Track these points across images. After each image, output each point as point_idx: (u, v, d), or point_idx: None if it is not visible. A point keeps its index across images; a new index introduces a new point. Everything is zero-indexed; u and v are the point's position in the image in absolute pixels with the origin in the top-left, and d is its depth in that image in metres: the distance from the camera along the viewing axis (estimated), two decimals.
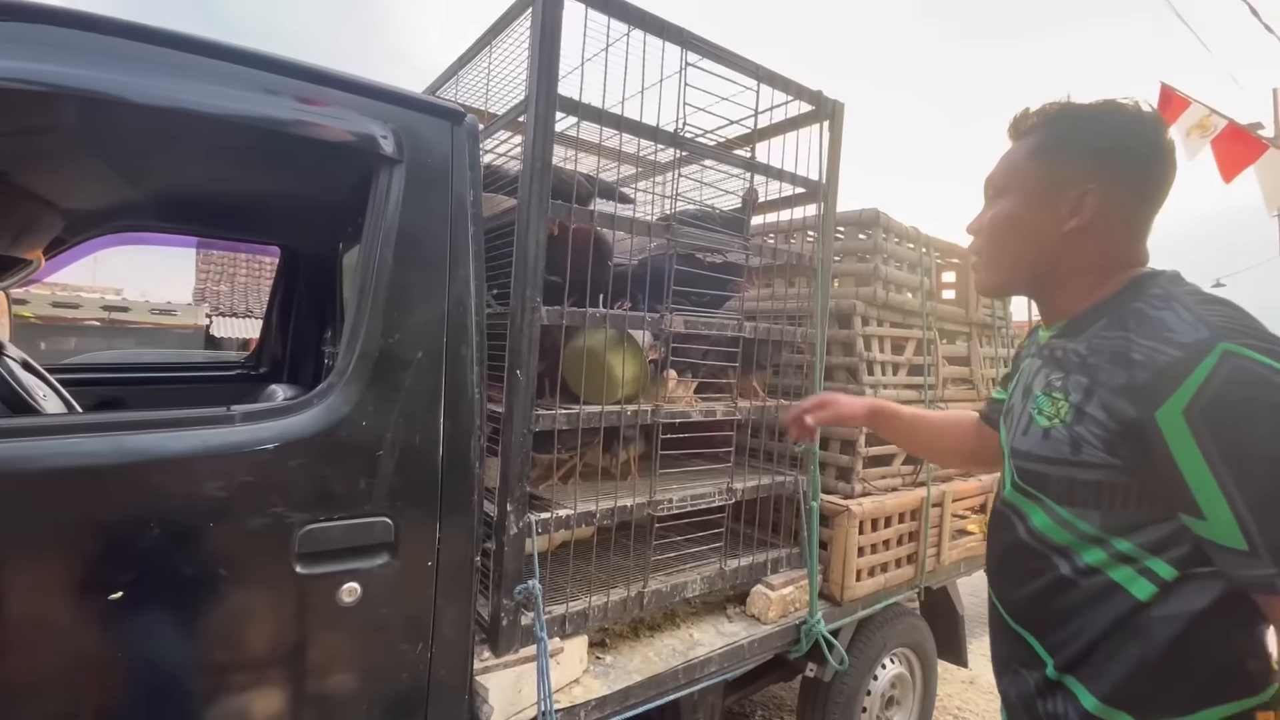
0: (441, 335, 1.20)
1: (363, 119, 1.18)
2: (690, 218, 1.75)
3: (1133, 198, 0.79)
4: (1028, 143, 0.84)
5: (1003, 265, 0.88)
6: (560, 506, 1.45)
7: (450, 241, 1.24)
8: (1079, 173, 0.79)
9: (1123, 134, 0.79)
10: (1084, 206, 0.79)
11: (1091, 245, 0.80)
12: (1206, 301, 0.72)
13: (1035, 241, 0.83)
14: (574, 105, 1.38)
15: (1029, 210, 0.83)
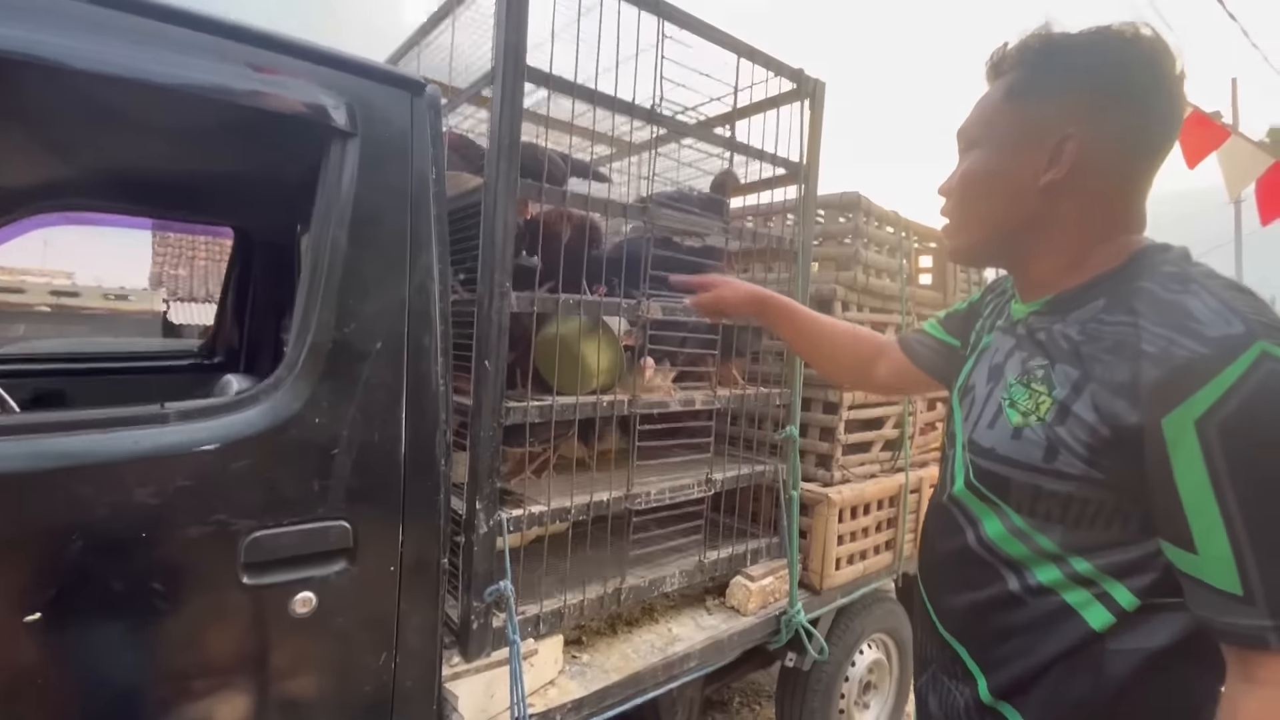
0: (402, 324, 1.12)
1: (311, 88, 1.08)
2: (667, 199, 1.68)
3: (1124, 143, 0.66)
4: (1003, 84, 0.72)
5: (971, 225, 0.76)
6: (533, 502, 1.38)
7: (411, 222, 1.15)
8: (1057, 114, 0.67)
9: (1110, 65, 0.65)
10: (1062, 155, 0.66)
11: (1074, 202, 0.68)
12: (1232, 288, 0.60)
13: (1008, 198, 0.71)
14: (544, 78, 1.29)
15: (1001, 162, 0.71)
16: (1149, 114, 0.66)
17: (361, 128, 1.11)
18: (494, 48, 1.27)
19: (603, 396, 1.44)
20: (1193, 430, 0.55)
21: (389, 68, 1.18)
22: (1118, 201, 0.68)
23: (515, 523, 1.30)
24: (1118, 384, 0.60)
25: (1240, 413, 0.53)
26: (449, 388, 1.18)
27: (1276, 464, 0.53)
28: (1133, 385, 0.58)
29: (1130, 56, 0.65)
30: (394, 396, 1.09)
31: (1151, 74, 0.65)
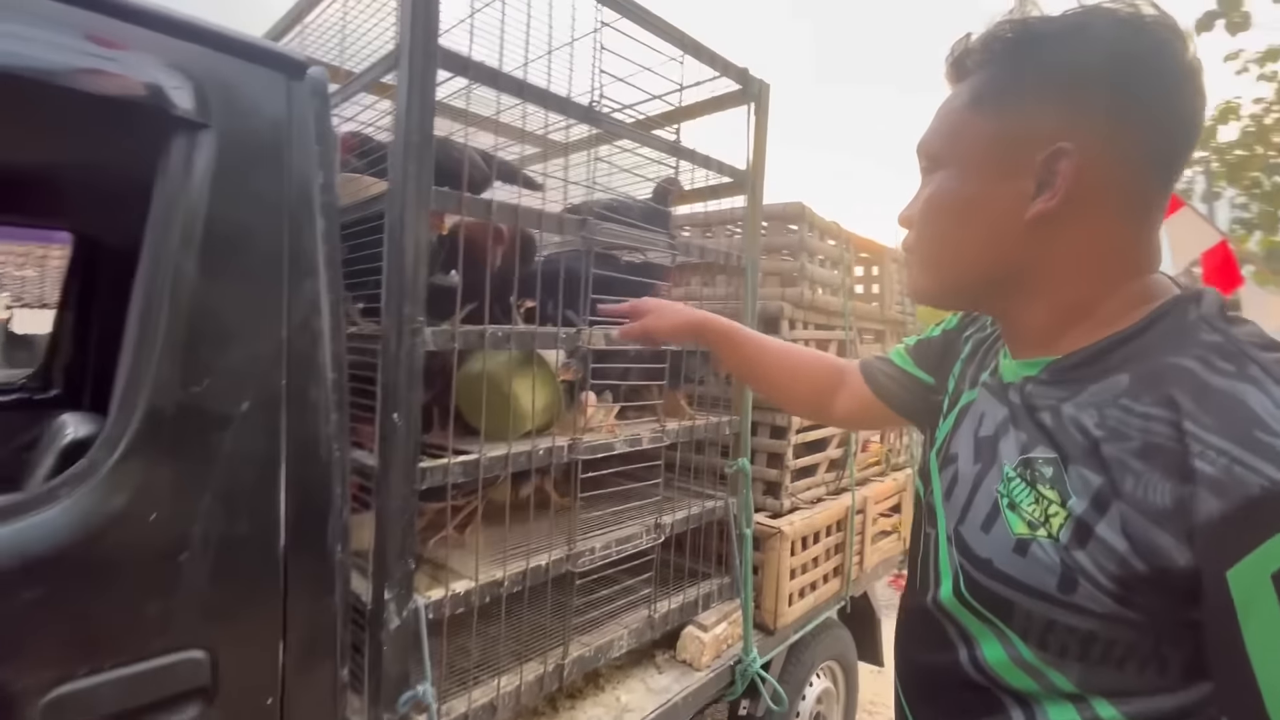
0: (279, 375, 0.86)
1: (140, 61, 0.80)
2: (605, 209, 1.48)
3: (1132, 158, 0.50)
4: (970, 87, 0.57)
5: (942, 266, 0.59)
6: (457, 575, 1.15)
7: (289, 241, 0.89)
8: (1044, 125, 0.51)
9: (1108, 57, 0.50)
10: (1055, 177, 0.51)
11: (1072, 237, 0.52)
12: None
13: (987, 233, 0.55)
14: (461, 63, 1.06)
15: (976, 187, 0.55)
16: (1162, 116, 0.50)
17: (217, 117, 0.84)
18: (399, 24, 1.03)
19: (538, 443, 1.23)
20: (1272, 589, 0.40)
21: (257, 40, 0.91)
22: (1128, 234, 0.53)
23: (436, 608, 1.06)
24: (1157, 510, 0.45)
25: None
26: (345, 452, 0.93)
27: None
28: (1180, 515, 0.43)
29: (1133, 44, 0.50)
30: (268, 473, 0.83)
31: (1162, 64, 0.50)
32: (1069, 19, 0.52)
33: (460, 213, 1.08)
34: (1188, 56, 0.50)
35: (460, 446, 1.20)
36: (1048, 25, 0.53)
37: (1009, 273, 0.56)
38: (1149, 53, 0.50)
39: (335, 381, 0.92)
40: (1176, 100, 0.50)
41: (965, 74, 0.58)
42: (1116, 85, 0.50)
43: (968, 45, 0.58)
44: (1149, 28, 0.50)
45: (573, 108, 1.28)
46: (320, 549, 0.88)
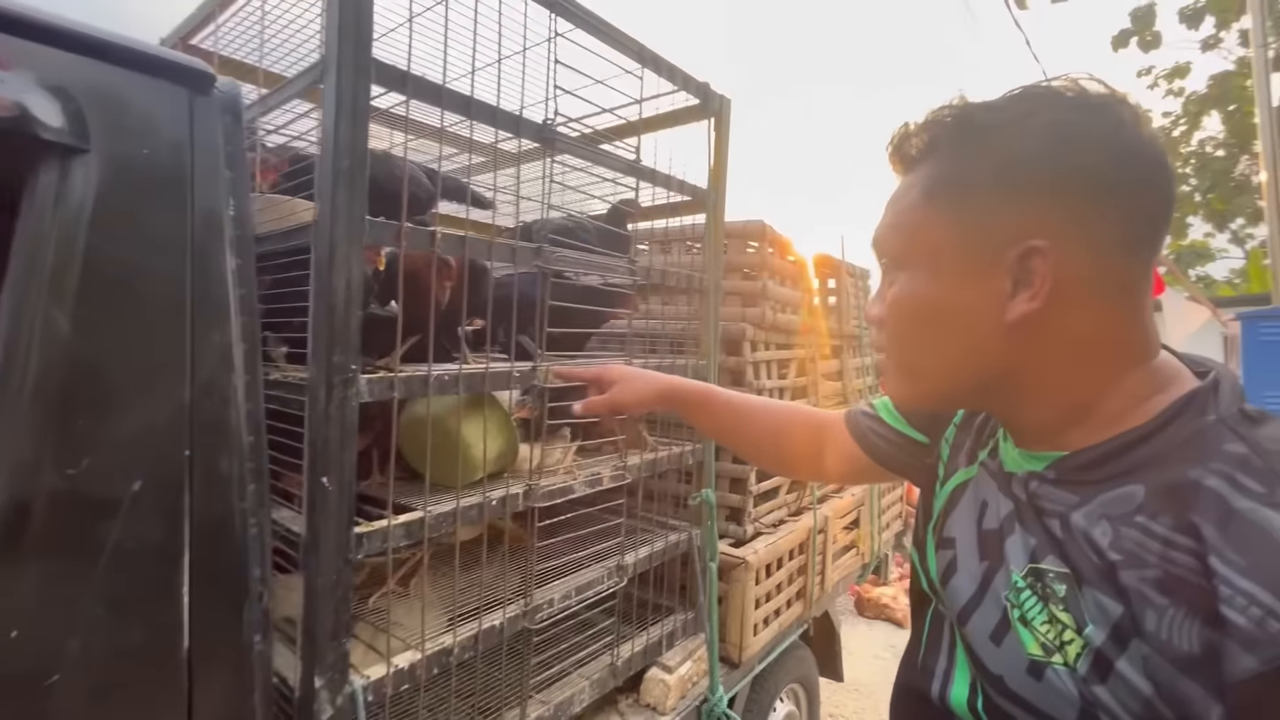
0: (180, 446, 0.73)
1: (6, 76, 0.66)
2: (559, 231, 1.39)
3: (1110, 244, 0.47)
4: (920, 180, 0.53)
5: (924, 376, 0.55)
6: (401, 644, 1.04)
7: (193, 284, 0.76)
8: (1009, 219, 0.48)
9: (1064, 141, 0.47)
10: (1032, 275, 0.47)
11: (1062, 334, 0.49)
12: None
13: (964, 340, 0.51)
14: (398, 78, 0.95)
15: (945, 291, 0.51)
16: (1132, 199, 0.47)
17: (99, 140, 0.71)
18: (324, 31, 0.90)
19: (490, 492, 1.12)
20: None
21: (151, 48, 0.78)
22: (1120, 322, 0.49)
23: (376, 689, 0.95)
24: (1184, 657, 0.40)
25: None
26: (265, 526, 0.80)
27: None
28: (1209, 665, 0.39)
29: (1088, 129, 0.47)
30: (168, 565, 0.70)
31: (1122, 145, 0.47)
32: (1014, 107, 0.50)
33: (400, 244, 0.97)
34: (1146, 133, 0.47)
35: (403, 500, 1.08)
36: (991, 115, 0.50)
37: (997, 375, 0.52)
38: (1107, 136, 0.47)
39: (252, 446, 0.80)
40: (1143, 180, 0.47)
41: (911, 163, 0.55)
42: (1079, 174, 0.47)
43: (907, 132, 0.54)
44: (1100, 109, 0.48)
45: (525, 126, 1.17)
46: (234, 646, 0.75)
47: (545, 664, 1.37)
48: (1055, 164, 0.47)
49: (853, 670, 2.93)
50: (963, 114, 0.51)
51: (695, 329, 1.68)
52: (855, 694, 3.10)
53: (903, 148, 0.55)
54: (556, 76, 1.19)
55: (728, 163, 1.70)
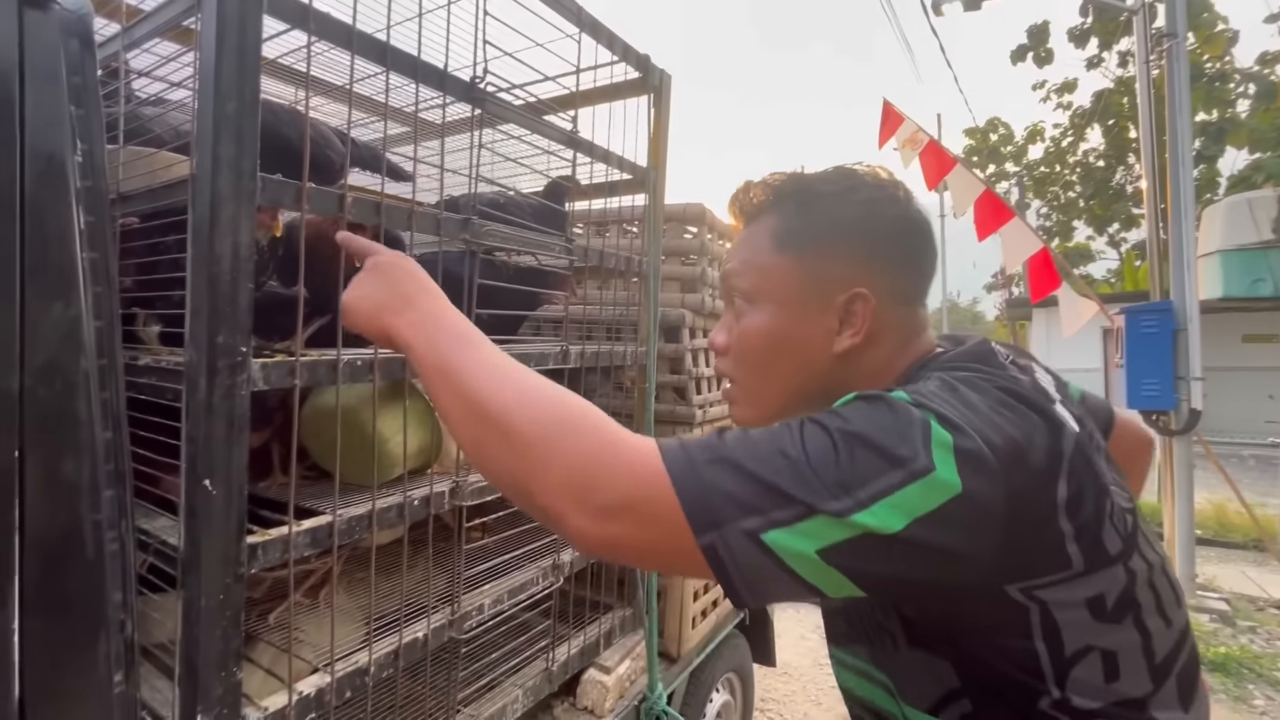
0: (10, 445, 0.58)
1: None
2: (491, 205, 1.27)
3: (903, 293, 0.63)
4: (767, 229, 0.65)
5: (766, 400, 0.67)
6: (308, 668, 0.91)
7: (26, 247, 0.61)
8: (840, 270, 0.61)
9: (879, 211, 0.63)
10: (854, 316, 0.61)
11: (866, 360, 0.63)
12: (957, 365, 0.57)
13: (801, 365, 0.64)
14: (298, 10, 0.81)
15: (788, 325, 0.63)
16: (920, 262, 0.65)
17: None
18: None
19: (411, 491, 1.01)
20: None
21: None
22: (906, 343, 0.64)
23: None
24: None
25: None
26: (127, 540, 0.66)
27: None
28: None
29: (891, 201, 0.63)
30: None
31: (916, 223, 0.64)
32: (840, 182, 0.64)
33: (302, 208, 0.83)
34: (918, 208, 0.64)
35: (310, 503, 0.95)
36: (824, 184, 0.64)
37: (819, 391, 0.63)
38: (900, 213, 0.63)
39: (110, 445, 0.65)
40: (924, 246, 0.64)
41: (750, 214, 0.68)
42: (886, 240, 0.62)
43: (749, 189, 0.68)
44: (893, 187, 0.64)
45: (451, 84, 1.05)
46: (85, 688, 0.62)
47: (475, 674, 1.27)
48: (870, 229, 0.62)
49: (783, 653, 2.98)
50: (802, 181, 0.65)
51: (634, 314, 1.61)
52: (785, 678, 3.16)
53: (744, 200, 0.68)
54: (486, 31, 1.08)
55: (668, 141, 1.63)
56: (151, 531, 0.82)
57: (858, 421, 0.46)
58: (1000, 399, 0.49)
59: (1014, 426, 0.47)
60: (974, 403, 0.48)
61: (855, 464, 0.44)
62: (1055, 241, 14.44)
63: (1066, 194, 14.37)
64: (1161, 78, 4.52)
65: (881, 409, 0.47)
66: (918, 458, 0.44)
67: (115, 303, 0.68)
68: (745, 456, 0.45)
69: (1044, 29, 12.13)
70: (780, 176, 0.66)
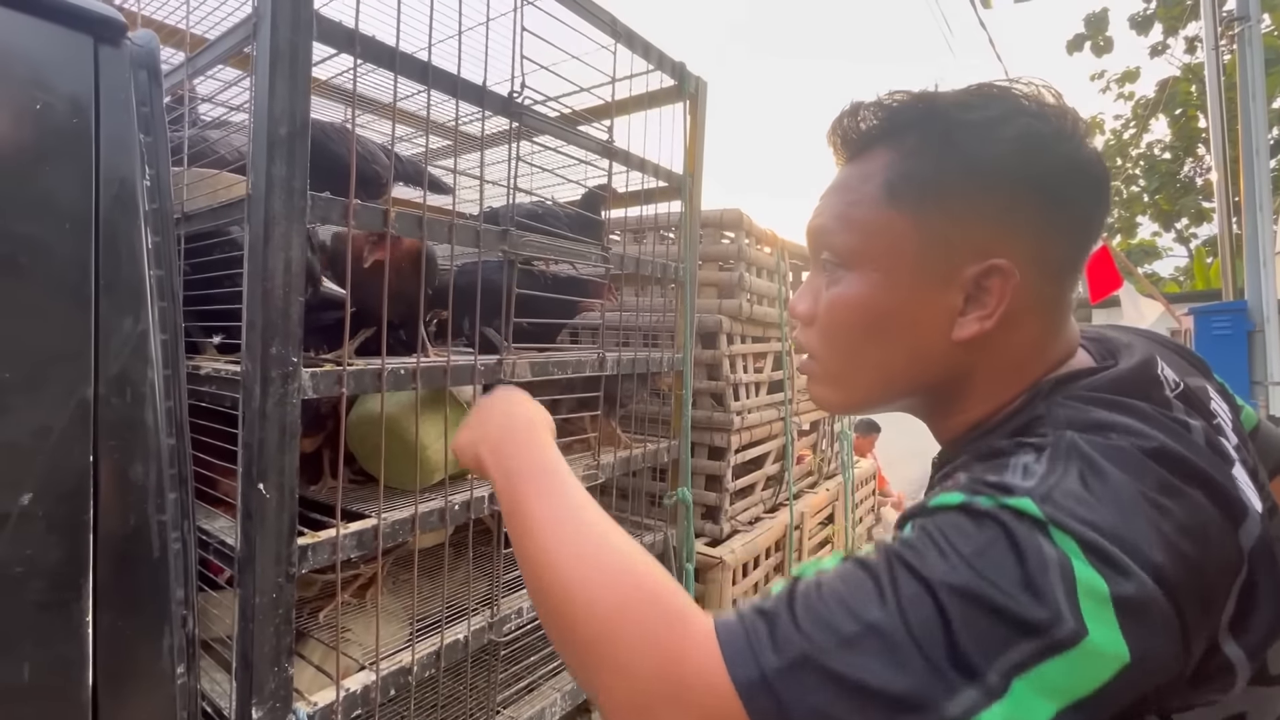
0: (83, 451, 0.63)
1: None
2: (528, 215, 1.30)
3: (1059, 265, 0.46)
4: (877, 171, 0.48)
5: (857, 385, 0.52)
6: (355, 666, 0.94)
7: (100, 265, 0.66)
8: (975, 233, 0.45)
9: (1037, 150, 0.45)
10: (988, 294, 0.45)
11: (996, 352, 0.47)
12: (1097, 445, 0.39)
13: (911, 352, 0.48)
14: (344, 35, 0.85)
15: (898, 299, 0.47)
16: (1082, 225, 0.46)
17: None
18: None
19: (453, 496, 1.03)
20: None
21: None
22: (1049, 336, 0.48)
23: (324, 716, 0.85)
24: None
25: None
26: (189, 540, 0.71)
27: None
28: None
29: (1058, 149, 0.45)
30: (66, 589, 0.60)
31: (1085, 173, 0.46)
32: (986, 109, 0.46)
33: (348, 224, 0.87)
34: (1093, 149, 0.46)
35: (354, 506, 0.99)
36: (964, 111, 0.46)
37: (930, 386, 0.50)
38: (1068, 151, 0.45)
39: (173, 450, 0.70)
40: (1094, 207, 0.47)
41: (856, 151, 0.51)
42: (1042, 188, 0.45)
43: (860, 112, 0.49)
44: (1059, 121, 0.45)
45: (490, 99, 1.08)
46: (152, 679, 0.66)
47: (515, 676, 1.29)
48: (1022, 176, 0.45)
49: None
50: (933, 106, 0.47)
51: (670, 321, 1.61)
52: None
53: (850, 127, 0.50)
54: (523, 46, 1.11)
55: (704, 147, 1.63)
56: (211, 532, 0.87)
57: (965, 571, 0.34)
58: (1163, 482, 0.37)
59: (1184, 532, 0.35)
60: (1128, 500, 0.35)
61: (974, 635, 0.32)
62: (1117, 239, 13.76)
63: (1129, 188, 13.68)
64: (1233, 63, 4.25)
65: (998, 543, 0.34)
66: (1061, 620, 0.32)
67: (179, 317, 0.72)
68: (828, 647, 0.34)
69: (1103, 16, 11.60)
70: (903, 96, 0.48)
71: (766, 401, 2.02)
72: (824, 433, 2.56)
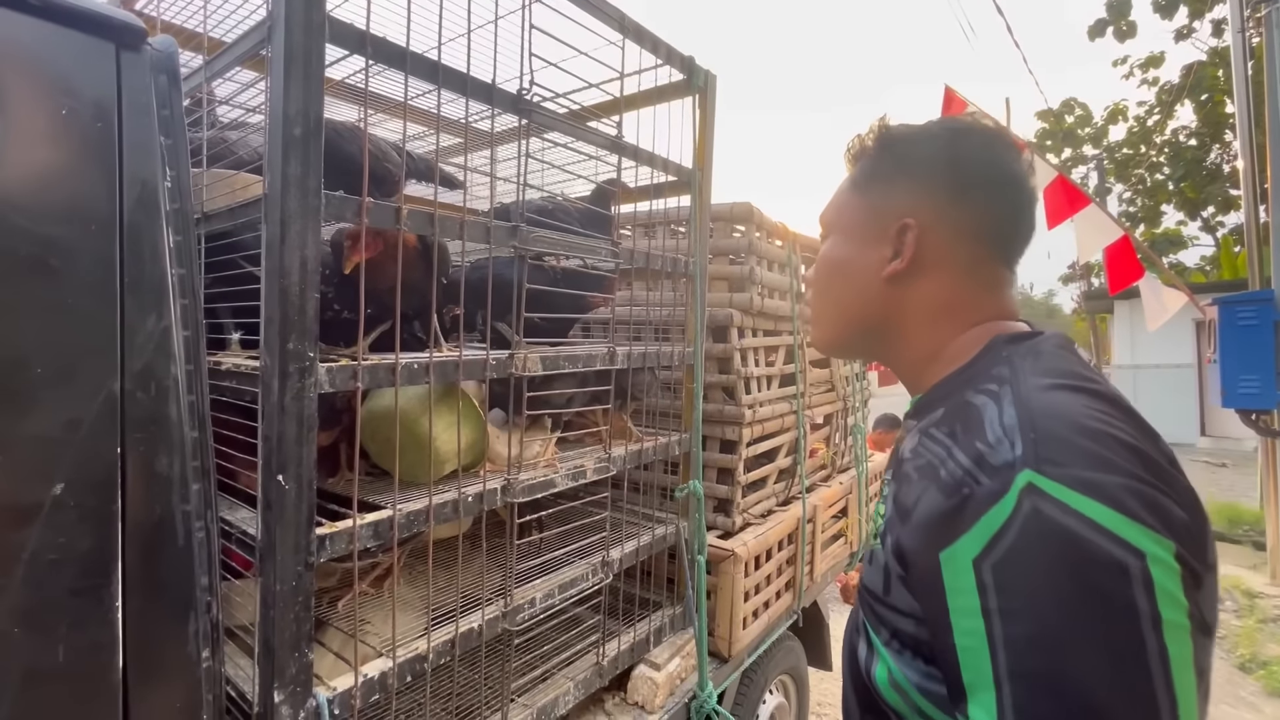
0: (111, 443, 0.65)
1: None
2: (538, 211, 1.31)
3: (964, 232, 0.62)
4: (851, 173, 0.71)
5: (829, 318, 0.71)
6: (373, 653, 0.97)
7: (125, 263, 0.68)
8: (896, 203, 0.64)
9: (946, 155, 0.63)
10: (903, 245, 0.63)
11: (921, 294, 0.63)
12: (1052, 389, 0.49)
13: (856, 289, 0.67)
14: (355, 36, 0.87)
15: (849, 251, 0.68)
16: (990, 203, 0.62)
17: (8, 101, 0.62)
18: None
19: (466, 487, 1.05)
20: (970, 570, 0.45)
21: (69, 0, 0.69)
22: (968, 291, 0.63)
23: (343, 701, 0.88)
24: (904, 509, 0.53)
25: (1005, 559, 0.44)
26: (211, 530, 0.73)
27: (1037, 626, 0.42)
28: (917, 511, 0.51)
29: (967, 146, 0.63)
30: (97, 576, 0.63)
31: (991, 164, 0.62)
32: (920, 127, 0.67)
33: (361, 220, 0.89)
34: (1017, 161, 0.62)
35: (370, 498, 1.01)
36: (904, 131, 0.67)
37: (876, 324, 0.66)
38: (977, 152, 0.63)
39: (196, 443, 0.72)
40: (1001, 191, 0.62)
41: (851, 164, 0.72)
42: (949, 174, 0.62)
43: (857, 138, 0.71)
44: (979, 134, 0.64)
45: (499, 96, 1.10)
46: (178, 663, 0.68)
47: (528, 665, 1.31)
48: (932, 164, 0.63)
49: (840, 658, 2.92)
50: (895, 129, 0.68)
51: (681, 315, 1.62)
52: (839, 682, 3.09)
53: (851, 150, 0.72)
54: (532, 44, 1.12)
55: (713, 141, 1.63)
56: (233, 522, 0.90)
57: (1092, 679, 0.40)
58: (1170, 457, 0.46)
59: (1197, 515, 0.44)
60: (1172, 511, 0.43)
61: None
62: (1140, 228, 13.46)
63: (1153, 176, 13.37)
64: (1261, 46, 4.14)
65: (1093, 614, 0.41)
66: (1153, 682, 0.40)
67: (200, 314, 0.75)
68: None
69: (1125, 1, 11.34)
70: (879, 123, 0.69)
71: (778, 395, 2.02)
72: (837, 426, 2.55)
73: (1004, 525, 0.44)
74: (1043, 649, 0.41)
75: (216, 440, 0.80)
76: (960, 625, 0.45)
